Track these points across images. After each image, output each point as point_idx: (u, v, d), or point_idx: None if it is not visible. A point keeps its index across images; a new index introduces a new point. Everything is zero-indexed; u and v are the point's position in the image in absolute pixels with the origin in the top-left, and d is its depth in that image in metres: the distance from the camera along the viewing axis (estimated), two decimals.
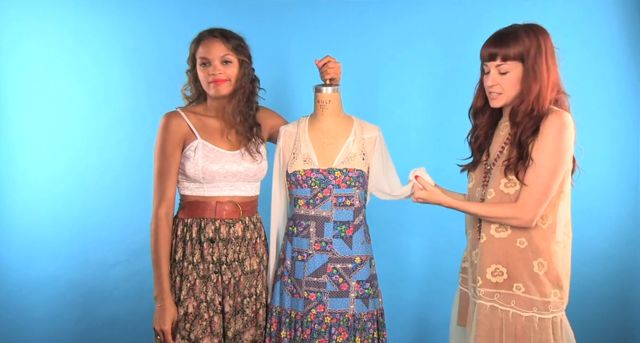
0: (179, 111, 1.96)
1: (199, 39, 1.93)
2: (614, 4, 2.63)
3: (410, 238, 2.85)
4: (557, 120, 1.61)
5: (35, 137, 2.73)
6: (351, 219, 1.97)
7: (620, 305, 2.71)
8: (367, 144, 2.03)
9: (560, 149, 1.61)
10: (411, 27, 2.77)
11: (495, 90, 1.69)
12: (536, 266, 1.65)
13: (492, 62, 1.68)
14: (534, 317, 1.65)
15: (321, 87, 2.00)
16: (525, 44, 1.64)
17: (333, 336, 1.93)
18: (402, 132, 2.75)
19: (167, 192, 1.90)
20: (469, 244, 1.85)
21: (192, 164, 1.90)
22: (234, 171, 1.94)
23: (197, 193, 1.94)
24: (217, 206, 1.93)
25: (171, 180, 1.91)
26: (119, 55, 2.74)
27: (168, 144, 1.90)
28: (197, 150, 1.90)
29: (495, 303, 1.69)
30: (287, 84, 2.85)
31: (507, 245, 1.68)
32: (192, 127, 1.93)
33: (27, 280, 2.74)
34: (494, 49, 1.66)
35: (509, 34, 1.66)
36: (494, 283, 1.69)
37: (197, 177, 1.91)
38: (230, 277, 1.93)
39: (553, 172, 1.61)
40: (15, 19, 2.67)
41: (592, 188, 2.58)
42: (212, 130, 1.96)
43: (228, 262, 1.93)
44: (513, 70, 1.65)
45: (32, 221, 2.73)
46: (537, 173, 1.62)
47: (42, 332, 2.75)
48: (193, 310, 1.88)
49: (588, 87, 2.64)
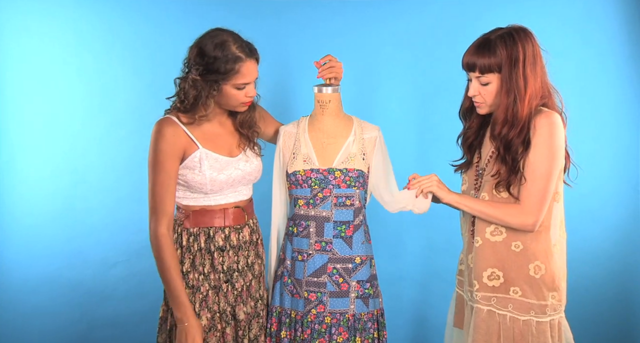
0: (173, 119, 1.78)
1: (235, 59, 1.72)
2: (614, 3, 2.63)
3: (410, 238, 2.85)
4: (546, 121, 1.58)
5: (35, 137, 2.73)
6: (351, 219, 1.97)
7: (620, 305, 2.71)
8: (367, 144, 2.02)
9: (553, 150, 1.59)
10: (411, 27, 2.77)
11: (477, 100, 1.68)
12: (532, 269, 1.64)
13: (472, 73, 1.65)
14: (532, 320, 1.64)
15: (321, 87, 2.00)
16: (499, 56, 1.60)
17: (333, 336, 1.93)
18: (402, 132, 2.75)
19: (167, 207, 1.75)
20: (464, 247, 1.85)
21: (198, 176, 1.78)
22: (239, 177, 1.87)
23: (203, 203, 1.84)
24: (225, 213, 1.85)
25: (171, 193, 1.76)
26: (119, 55, 2.74)
27: (166, 156, 1.73)
28: (202, 162, 1.78)
29: (493, 307, 1.68)
30: (287, 83, 2.85)
31: (503, 249, 1.67)
32: (191, 135, 1.79)
33: (27, 280, 2.74)
34: (472, 60, 1.63)
35: (485, 45, 1.62)
36: (490, 287, 1.68)
37: (204, 188, 1.80)
38: (243, 284, 1.88)
39: (549, 174, 1.60)
40: (15, 18, 2.67)
41: (592, 189, 2.59)
42: (212, 137, 1.84)
43: (240, 269, 1.88)
44: (493, 81, 1.62)
45: (32, 221, 2.73)
46: (533, 176, 1.60)
47: (42, 332, 2.75)
48: (207, 322, 1.80)
49: (588, 87, 2.64)
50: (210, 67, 1.72)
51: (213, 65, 1.72)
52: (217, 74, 1.72)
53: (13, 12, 2.67)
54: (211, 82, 1.73)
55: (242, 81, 1.74)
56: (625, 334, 2.70)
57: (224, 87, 1.74)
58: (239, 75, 1.73)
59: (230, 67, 1.71)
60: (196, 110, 1.78)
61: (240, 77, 1.74)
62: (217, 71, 1.72)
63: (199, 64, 1.73)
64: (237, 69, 1.72)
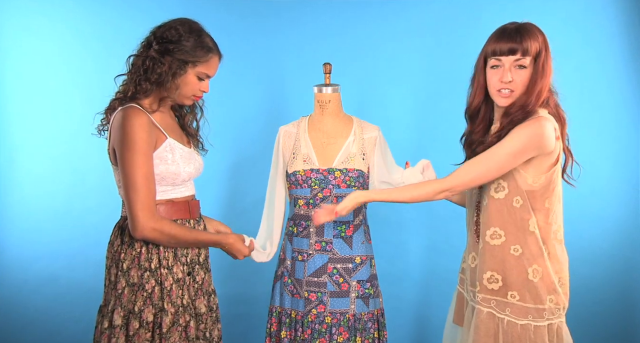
0: (139, 108, 1.67)
1: (208, 49, 1.73)
2: (614, 3, 2.63)
3: (410, 238, 2.85)
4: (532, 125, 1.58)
5: (36, 137, 2.73)
6: (351, 219, 1.97)
7: (620, 305, 2.70)
8: (367, 144, 2.02)
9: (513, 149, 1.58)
10: (411, 27, 2.77)
11: (509, 87, 1.63)
12: (531, 273, 1.64)
13: (511, 57, 1.61)
14: (530, 324, 1.63)
15: (321, 87, 2.00)
16: (539, 40, 1.61)
17: (333, 336, 1.93)
18: (402, 132, 2.75)
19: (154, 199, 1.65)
20: (467, 246, 1.84)
21: (172, 166, 1.71)
22: (199, 168, 1.82)
23: (171, 195, 1.75)
24: (189, 205, 1.78)
25: (154, 184, 1.66)
26: (119, 55, 2.73)
27: (149, 146, 1.65)
28: (174, 151, 1.72)
29: (493, 310, 1.67)
30: (287, 83, 2.85)
31: (503, 253, 1.66)
32: (158, 125, 1.70)
33: (27, 280, 2.74)
34: (513, 44, 1.60)
35: (524, 30, 1.62)
36: (490, 290, 1.68)
37: (177, 179, 1.73)
38: (203, 276, 1.83)
39: (493, 164, 1.61)
40: (15, 18, 2.67)
41: (592, 189, 2.59)
42: (171, 127, 1.78)
43: (200, 262, 1.83)
44: (529, 66, 1.62)
45: (32, 221, 2.73)
46: (479, 159, 1.63)
47: (42, 332, 2.75)
48: (172, 317, 1.70)
49: (588, 87, 2.64)
50: (182, 47, 1.69)
51: (186, 46, 1.70)
52: (188, 55, 1.70)
53: (13, 12, 2.67)
54: (179, 61, 1.69)
55: (206, 71, 1.74)
56: (625, 334, 2.70)
57: (189, 70, 1.71)
58: (207, 64, 1.73)
59: (201, 53, 1.71)
60: (157, 91, 1.72)
61: (207, 67, 1.74)
62: (188, 52, 1.70)
63: (170, 42, 1.69)
64: (207, 58, 1.73)
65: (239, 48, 2.75)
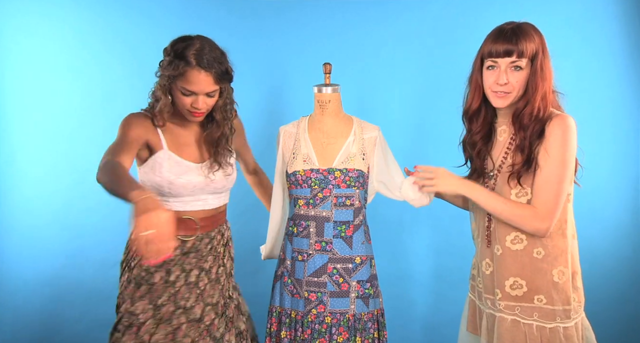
0: (142, 112, 1.82)
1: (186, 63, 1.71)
2: (614, 3, 2.63)
3: (411, 238, 2.85)
4: (562, 124, 1.56)
5: (35, 137, 2.73)
6: (351, 219, 1.97)
7: (619, 304, 2.71)
8: (367, 144, 2.02)
9: (566, 155, 1.57)
10: (411, 27, 2.77)
11: (504, 89, 1.62)
12: (556, 275, 1.62)
13: (507, 59, 1.60)
14: (559, 327, 1.62)
15: (321, 87, 2.00)
16: (536, 42, 1.59)
17: (333, 336, 1.93)
18: (402, 132, 2.75)
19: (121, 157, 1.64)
20: (478, 253, 1.80)
21: (157, 177, 1.77)
22: (201, 184, 1.82)
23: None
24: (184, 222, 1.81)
25: (126, 153, 1.67)
26: (119, 55, 2.75)
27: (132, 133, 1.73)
28: (163, 163, 1.77)
29: (517, 317, 1.64)
30: (287, 83, 2.85)
31: (524, 257, 1.64)
32: (161, 135, 1.80)
33: (27, 280, 2.74)
34: (509, 45, 1.59)
35: (520, 31, 1.60)
36: (513, 297, 1.65)
37: (162, 190, 1.78)
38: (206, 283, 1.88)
39: (562, 178, 1.57)
40: (15, 18, 2.67)
41: (593, 189, 2.59)
42: (181, 142, 1.84)
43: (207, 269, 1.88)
44: (525, 67, 1.60)
45: (32, 221, 2.74)
46: (547, 181, 1.57)
47: (42, 332, 2.75)
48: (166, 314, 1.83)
49: (588, 87, 2.64)
50: (162, 62, 1.78)
51: (165, 61, 1.77)
52: (165, 70, 1.75)
53: (13, 12, 2.67)
54: (164, 77, 1.76)
55: (185, 86, 1.73)
56: (625, 334, 2.70)
57: (173, 86, 1.76)
58: (184, 78, 1.72)
59: (176, 66, 1.72)
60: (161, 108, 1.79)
61: (185, 82, 1.73)
62: (165, 68, 1.75)
63: (165, 56, 1.79)
64: (182, 71, 1.71)
65: (239, 48, 2.73)
